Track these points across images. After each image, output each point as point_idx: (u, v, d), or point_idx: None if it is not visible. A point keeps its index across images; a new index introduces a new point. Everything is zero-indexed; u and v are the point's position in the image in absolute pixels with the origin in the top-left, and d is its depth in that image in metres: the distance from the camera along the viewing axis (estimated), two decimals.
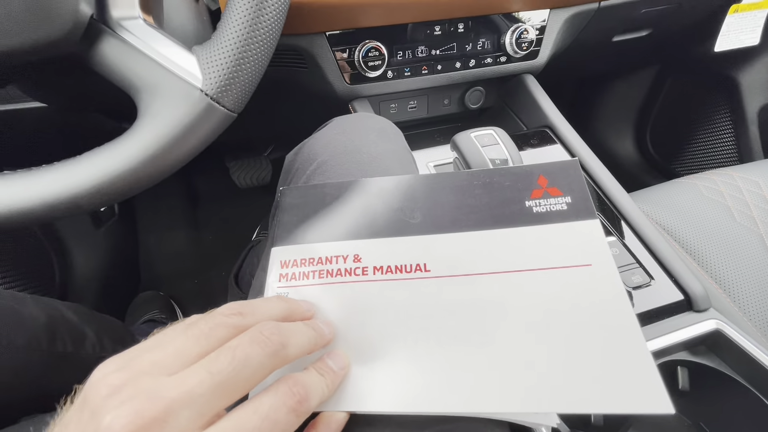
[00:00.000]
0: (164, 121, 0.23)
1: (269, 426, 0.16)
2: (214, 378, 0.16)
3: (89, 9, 0.23)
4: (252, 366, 0.17)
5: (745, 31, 0.76)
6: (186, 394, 0.15)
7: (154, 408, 0.15)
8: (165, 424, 0.14)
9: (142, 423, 0.14)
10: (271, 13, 0.25)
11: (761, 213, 0.56)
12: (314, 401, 0.18)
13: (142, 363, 0.16)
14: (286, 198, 0.26)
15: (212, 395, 0.16)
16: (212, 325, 0.18)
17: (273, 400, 0.17)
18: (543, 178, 0.25)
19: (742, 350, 0.35)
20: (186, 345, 0.17)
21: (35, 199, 0.22)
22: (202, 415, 0.15)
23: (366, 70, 0.53)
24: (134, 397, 0.15)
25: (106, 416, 0.14)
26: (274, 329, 0.18)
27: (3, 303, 0.43)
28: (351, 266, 0.24)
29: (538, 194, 0.24)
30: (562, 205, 0.24)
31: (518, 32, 0.56)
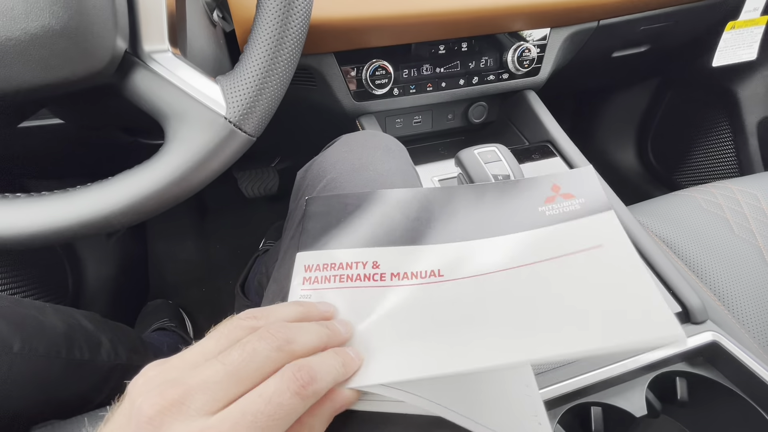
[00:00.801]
0: (191, 146, 0.25)
1: (273, 409, 0.17)
2: (226, 368, 0.18)
3: (124, 44, 0.25)
4: (259, 359, 0.19)
5: (742, 47, 0.78)
6: (202, 381, 0.18)
7: (175, 392, 0.17)
8: (183, 406, 0.17)
9: (165, 404, 0.17)
10: (290, 47, 0.27)
11: (759, 226, 0.57)
12: (323, 383, 0.19)
13: (174, 361, 0.19)
14: (311, 207, 0.28)
15: (225, 383, 0.18)
16: (231, 328, 0.21)
17: (277, 384, 0.18)
18: (556, 186, 0.25)
19: (739, 362, 0.36)
20: (208, 344, 0.20)
21: (73, 218, 0.24)
22: (215, 401, 0.17)
23: (373, 88, 0.55)
24: (160, 384, 0.18)
25: (137, 399, 0.17)
26: (280, 327, 0.20)
27: (24, 311, 0.45)
28: (370, 272, 0.25)
29: (551, 200, 0.25)
30: (575, 206, 0.24)
31: (520, 50, 0.58)
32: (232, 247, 1.02)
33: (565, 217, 0.24)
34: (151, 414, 0.17)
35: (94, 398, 0.49)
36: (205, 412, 0.17)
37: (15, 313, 0.43)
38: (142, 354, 0.59)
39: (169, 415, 0.17)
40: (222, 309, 0.92)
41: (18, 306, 0.44)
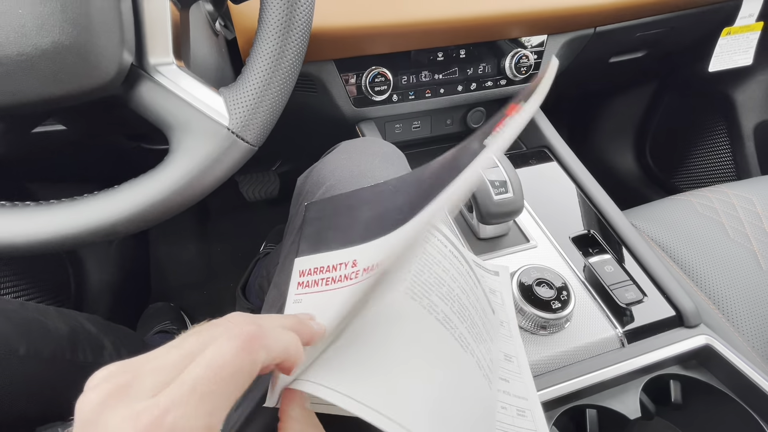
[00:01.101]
0: (195, 155, 0.26)
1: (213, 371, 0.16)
2: (180, 352, 0.17)
3: (130, 57, 0.25)
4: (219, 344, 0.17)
5: (738, 52, 0.79)
6: (154, 365, 0.17)
7: (123, 377, 0.16)
8: (129, 389, 0.16)
9: (110, 389, 0.16)
10: (290, 60, 0.28)
11: (755, 230, 0.58)
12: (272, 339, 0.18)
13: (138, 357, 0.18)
14: (309, 213, 0.28)
15: (178, 364, 0.17)
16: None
17: (217, 346, 0.17)
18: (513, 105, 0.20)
19: (731, 365, 0.37)
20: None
21: (81, 226, 0.24)
22: (165, 382, 0.16)
23: (372, 94, 0.56)
24: (113, 374, 0.17)
25: (88, 391, 0.16)
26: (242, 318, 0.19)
27: (29, 315, 0.45)
28: (349, 271, 0.25)
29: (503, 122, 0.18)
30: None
31: (517, 57, 0.59)
32: (233, 250, 1.03)
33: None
34: (95, 402, 0.16)
35: None
36: (150, 393, 0.16)
37: (20, 317, 0.44)
38: None
39: (113, 400, 0.16)
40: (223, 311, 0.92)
41: (23, 310, 0.45)
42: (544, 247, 0.46)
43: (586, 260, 0.45)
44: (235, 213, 1.09)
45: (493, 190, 0.42)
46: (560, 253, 0.46)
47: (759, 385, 0.35)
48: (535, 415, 0.27)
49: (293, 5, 0.27)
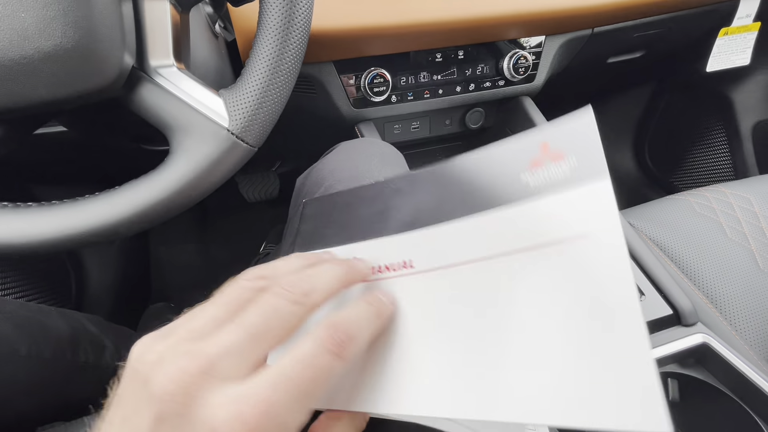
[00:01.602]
0: (195, 157, 0.27)
1: (312, 373, 0.16)
2: (247, 330, 0.17)
3: (131, 60, 0.26)
4: (280, 315, 0.17)
5: (735, 52, 0.79)
6: (223, 347, 0.16)
7: (197, 363, 0.16)
8: (209, 376, 0.15)
9: (189, 378, 0.15)
10: (290, 62, 0.28)
11: (752, 229, 0.58)
12: (361, 340, 0.18)
13: (179, 332, 0.17)
14: (307, 210, 0.28)
15: (248, 344, 0.16)
16: (238, 290, 0.19)
17: (312, 346, 0.17)
18: (545, 144, 0.19)
19: (728, 363, 0.37)
20: (217, 312, 0.18)
21: (83, 227, 0.25)
22: (243, 365, 0.16)
23: (371, 95, 0.56)
24: (178, 358, 0.16)
25: (155, 378, 0.16)
26: (293, 280, 0.19)
27: (30, 315, 0.46)
28: None
29: (539, 163, 0.19)
30: (564, 171, 0.18)
31: (515, 57, 0.59)
32: (233, 250, 1.03)
33: (549, 189, 0.18)
34: (173, 390, 0.15)
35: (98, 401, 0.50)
36: (235, 377, 0.16)
37: (21, 317, 0.44)
38: None
39: (196, 387, 0.15)
40: None
41: (24, 310, 0.45)
42: None
43: None
44: (235, 213, 1.10)
45: None
46: None
47: (756, 383, 0.36)
48: None
49: (292, 7, 0.27)
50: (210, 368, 0.16)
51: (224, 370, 0.16)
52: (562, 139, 0.19)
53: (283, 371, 0.16)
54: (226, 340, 0.16)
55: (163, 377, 0.15)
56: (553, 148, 0.19)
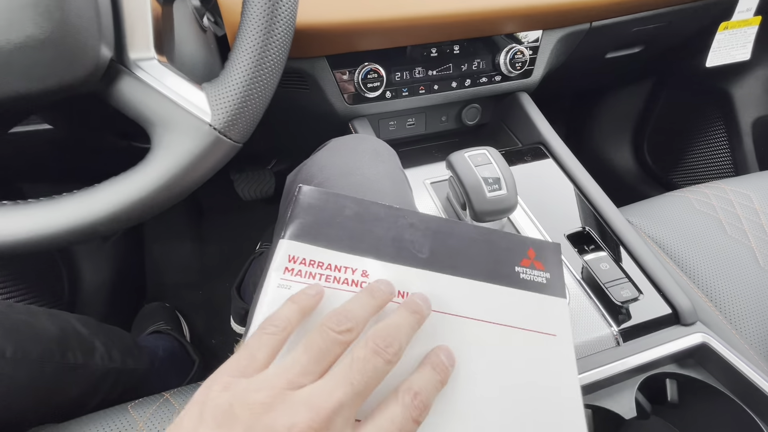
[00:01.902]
0: (176, 153, 0.26)
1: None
2: (354, 388, 0.19)
3: (109, 52, 0.25)
4: (378, 373, 0.20)
5: (735, 47, 0.78)
6: (337, 403, 0.18)
7: (318, 417, 0.17)
8: (329, 430, 0.17)
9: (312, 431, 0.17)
10: (274, 54, 0.27)
11: (752, 226, 0.57)
12: (431, 403, 0.21)
13: (274, 380, 0.19)
14: (305, 198, 0.27)
15: (354, 402, 0.19)
16: (329, 344, 0.20)
17: (402, 412, 0.19)
18: (532, 251, 0.29)
19: (728, 363, 0.36)
20: (310, 362, 0.20)
21: (59, 226, 0.24)
22: (351, 419, 0.18)
23: (365, 91, 0.55)
24: (295, 410, 0.17)
25: (274, 426, 0.17)
26: (386, 339, 0.21)
27: (18, 317, 0.45)
28: (359, 279, 0.25)
29: (526, 263, 0.28)
30: (542, 279, 0.28)
31: (512, 52, 0.58)
32: (229, 249, 1.02)
33: (534, 287, 0.28)
34: None
35: (88, 402, 0.49)
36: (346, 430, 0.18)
37: (7, 319, 0.43)
38: (137, 357, 0.59)
39: None
40: (218, 311, 0.92)
41: (10, 311, 0.45)
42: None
43: (581, 258, 0.45)
44: (230, 212, 1.09)
45: (487, 188, 0.42)
46: None
47: (756, 384, 0.35)
48: None
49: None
50: (328, 424, 0.17)
51: (338, 426, 0.18)
52: (543, 255, 0.29)
53: (381, 428, 0.19)
54: (339, 396, 0.18)
55: (290, 427, 0.17)
56: (537, 257, 0.28)
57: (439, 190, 0.53)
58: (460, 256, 0.27)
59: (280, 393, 0.18)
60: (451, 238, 0.28)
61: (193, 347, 0.79)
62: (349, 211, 0.27)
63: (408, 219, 0.28)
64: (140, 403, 0.41)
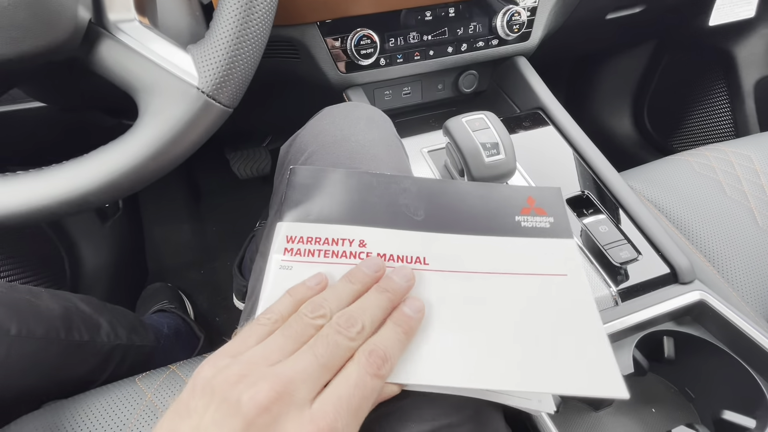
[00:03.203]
0: (164, 119, 0.25)
1: (360, 391, 0.20)
2: (318, 359, 0.20)
3: (87, 13, 0.24)
4: (341, 350, 0.21)
5: (740, 4, 0.75)
6: (302, 372, 0.20)
7: (281, 384, 0.19)
8: (291, 396, 0.19)
9: (276, 396, 0.18)
10: (261, 10, 0.26)
11: (752, 187, 0.57)
12: (393, 359, 0.22)
13: (253, 357, 0.21)
14: (296, 177, 0.28)
15: (319, 372, 0.20)
16: (303, 327, 0.22)
17: (357, 370, 0.21)
18: (531, 199, 0.28)
19: (725, 319, 0.37)
20: (286, 343, 0.21)
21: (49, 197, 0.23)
22: (314, 390, 0.20)
23: (358, 59, 0.53)
24: (262, 379, 0.19)
25: (243, 395, 0.18)
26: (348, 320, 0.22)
27: (20, 296, 0.45)
28: (356, 250, 0.26)
29: (527, 212, 0.28)
30: (545, 223, 0.28)
31: (509, 14, 0.56)
32: (228, 228, 1.02)
33: (537, 233, 0.27)
34: (265, 404, 0.18)
35: (96, 378, 0.50)
36: (308, 400, 0.19)
37: (9, 298, 0.43)
38: (142, 334, 0.60)
39: (281, 405, 0.18)
40: (221, 290, 0.93)
41: (12, 291, 0.45)
42: None
43: (580, 221, 0.45)
44: (228, 191, 1.08)
45: (485, 152, 0.41)
46: None
47: (753, 338, 0.35)
48: None
49: None
50: (292, 391, 0.19)
51: (302, 393, 0.19)
52: (543, 201, 0.28)
53: (338, 392, 0.20)
54: (302, 366, 0.20)
55: (253, 393, 0.18)
56: (537, 204, 0.28)
57: (436, 158, 0.52)
58: (456, 213, 0.27)
59: (254, 367, 0.20)
60: (445, 198, 0.28)
61: (198, 325, 0.80)
62: (341, 184, 0.28)
63: (400, 184, 0.28)
64: (147, 376, 0.41)
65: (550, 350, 0.23)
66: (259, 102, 0.73)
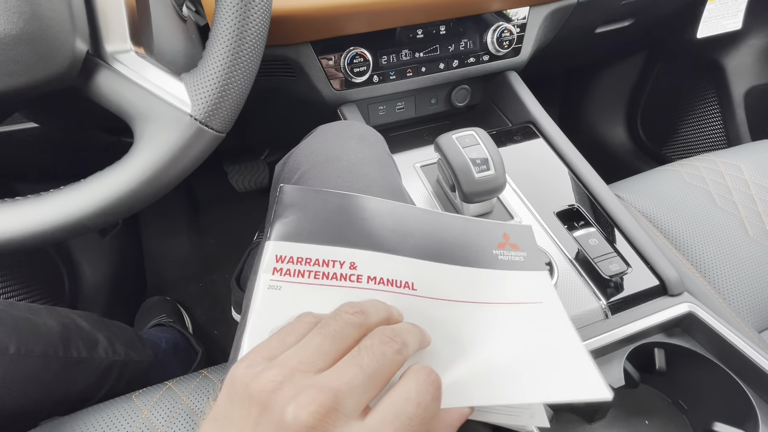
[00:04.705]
0: (158, 146, 0.26)
1: (422, 412, 0.18)
2: (364, 371, 0.19)
3: (85, 46, 0.25)
4: (388, 361, 0.19)
5: (726, 17, 0.77)
6: (347, 384, 0.18)
7: (327, 398, 0.17)
8: (337, 412, 0.17)
9: (323, 411, 0.17)
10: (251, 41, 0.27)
11: (742, 197, 0.58)
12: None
13: (291, 361, 0.19)
14: (287, 196, 0.28)
15: (365, 386, 0.18)
16: (343, 325, 0.20)
17: (419, 388, 0.19)
18: (506, 235, 0.31)
19: (713, 331, 0.37)
20: (325, 343, 0.20)
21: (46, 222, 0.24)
22: (361, 403, 0.18)
23: (352, 76, 0.54)
24: (305, 390, 0.17)
25: (287, 408, 0.17)
26: (395, 331, 0.21)
27: (19, 314, 0.46)
28: (347, 272, 0.26)
29: (503, 246, 0.30)
30: (519, 257, 0.30)
31: (499, 31, 0.58)
32: (227, 241, 1.03)
33: (513, 266, 0.29)
34: (308, 421, 0.16)
35: (94, 394, 0.50)
36: (356, 415, 0.18)
37: (9, 317, 0.44)
38: (140, 350, 0.60)
39: (328, 422, 0.17)
40: (219, 302, 0.94)
41: (11, 309, 0.45)
42: (528, 223, 0.46)
43: (570, 234, 0.45)
44: (226, 204, 1.09)
45: (475, 168, 0.42)
46: (545, 229, 0.46)
47: (740, 349, 0.36)
48: None
49: None
50: (338, 404, 0.17)
51: (349, 407, 0.17)
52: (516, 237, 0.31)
53: (397, 410, 0.18)
54: (348, 378, 0.18)
55: (297, 408, 0.17)
56: (512, 240, 0.30)
57: (429, 173, 0.53)
58: (441, 244, 0.29)
59: (292, 373, 0.18)
60: (433, 227, 0.29)
61: (196, 339, 0.80)
62: (331, 205, 0.28)
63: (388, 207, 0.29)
64: (144, 393, 0.42)
65: (534, 365, 0.24)
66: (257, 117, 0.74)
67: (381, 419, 0.18)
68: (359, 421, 0.17)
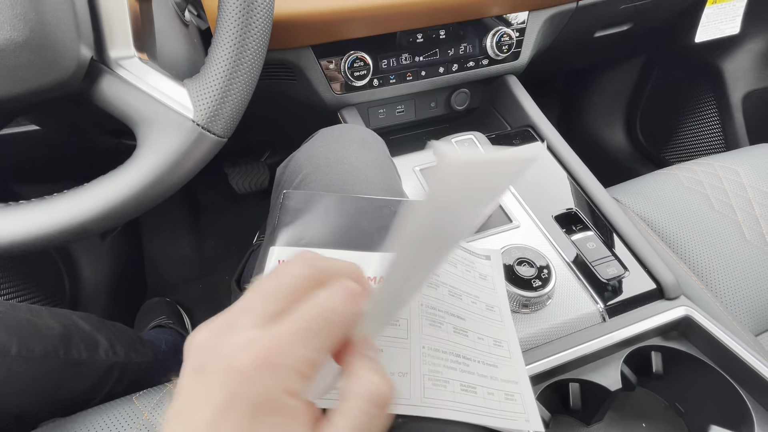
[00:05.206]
0: (161, 150, 0.26)
1: (326, 314, 0.17)
2: (285, 284, 0.18)
3: (89, 52, 0.25)
4: (332, 291, 0.18)
5: (724, 21, 0.78)
6: (260, 293, 0.17)
7: (228, 315, 0.17)
8: (238, 319, 0.16)
9: (219, 323, 0.16)
10: (254, 47, 0.27)
11: (739, 200, 0.58)
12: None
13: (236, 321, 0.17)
14: (289, 201, 0.28)
15: (286, 298, 0.17)
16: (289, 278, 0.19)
17: (328, 292, 0.18)
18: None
19: (709, 334, 0.38)
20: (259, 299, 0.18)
21: (51, 226, 0.24)
22: (276, 312, 0.17)
23: (352, 80, 0.55)
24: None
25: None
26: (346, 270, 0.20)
27: (20, 315, 0.46)
28: None
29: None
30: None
31: (498, 35, 0.58)
32: (227, 242, 1.03)
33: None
34: (206, 334, 0.16)
35: (94, 396, 0.50)
36: (262, 321, 0.16)
37: (10, 318, 0.44)
38: (140, 351, 0.60)
39: (225, 330, 0.16)
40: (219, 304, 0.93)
41: (13, 311, 0.46)
42: (526, 227, 0.46)
43: (568, 238, 0.46)
44: (227, 206, 1.09)
45: None
46: (543, 233, 0.46)
47: (736, 353, 0.36)
48: (524, 398, 0.27)
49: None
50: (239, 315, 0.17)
51: (254, 313, 0.17)
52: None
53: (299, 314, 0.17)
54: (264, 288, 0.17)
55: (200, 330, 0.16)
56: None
57: (428, 176, 0.53)
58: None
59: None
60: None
61: None
62: (334, 208, 0.28)
63: (392, 208, 0.29)
64: (144, 394, 0.42)
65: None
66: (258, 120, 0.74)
67: (285, 321, 0.16)
68: (260, 327, 0.16)
